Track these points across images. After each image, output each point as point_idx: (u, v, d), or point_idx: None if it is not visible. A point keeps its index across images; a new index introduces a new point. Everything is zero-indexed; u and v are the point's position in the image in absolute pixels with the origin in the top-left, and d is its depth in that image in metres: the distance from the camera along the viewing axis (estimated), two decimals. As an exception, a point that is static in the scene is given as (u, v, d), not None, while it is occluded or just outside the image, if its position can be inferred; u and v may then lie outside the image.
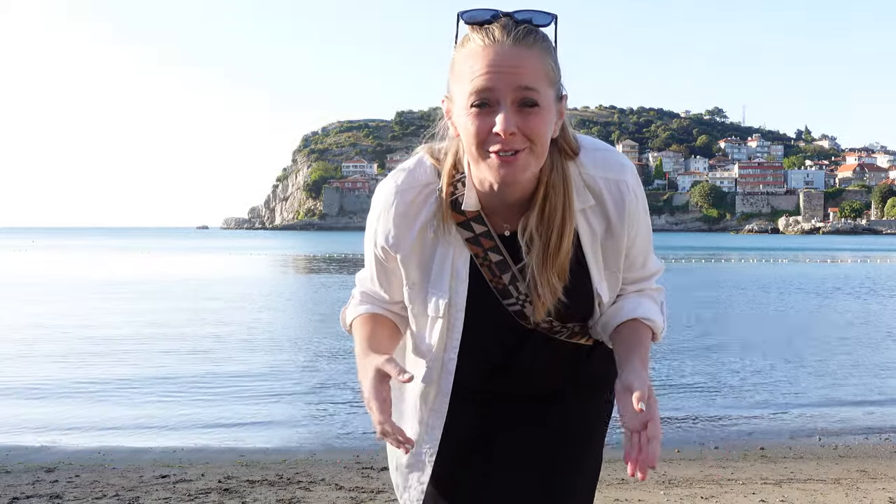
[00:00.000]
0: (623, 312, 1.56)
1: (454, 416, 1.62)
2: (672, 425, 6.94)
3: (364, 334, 1.59)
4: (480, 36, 1.38)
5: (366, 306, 1.65)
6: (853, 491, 4.51)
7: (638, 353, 1.49)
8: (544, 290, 1.48)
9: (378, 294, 1.64)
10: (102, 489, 4.51)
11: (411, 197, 1.52)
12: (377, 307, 1.64)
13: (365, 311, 1.64)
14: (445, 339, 1.56)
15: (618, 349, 1.53)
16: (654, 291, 1.64)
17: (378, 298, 1.64)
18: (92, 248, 66.29)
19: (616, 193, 1.50)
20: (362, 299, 1.66)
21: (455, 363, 1.57)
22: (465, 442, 1.64)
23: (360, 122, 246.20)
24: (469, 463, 1.63)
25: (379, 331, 1.60)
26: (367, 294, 1.66)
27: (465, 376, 1.59)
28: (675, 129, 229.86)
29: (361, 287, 1.67)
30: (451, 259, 1.52)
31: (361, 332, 1.60)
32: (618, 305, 1.58)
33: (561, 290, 1.49)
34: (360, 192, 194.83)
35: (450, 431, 1.62)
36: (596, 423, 1.71)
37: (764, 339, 12.84)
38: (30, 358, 10.45)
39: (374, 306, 1.64)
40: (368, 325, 1.61)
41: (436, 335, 1.56)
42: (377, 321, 1.62)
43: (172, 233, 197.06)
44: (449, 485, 1.64)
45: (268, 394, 8.29)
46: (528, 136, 1.36)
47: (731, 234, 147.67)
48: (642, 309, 1.56)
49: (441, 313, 1.53)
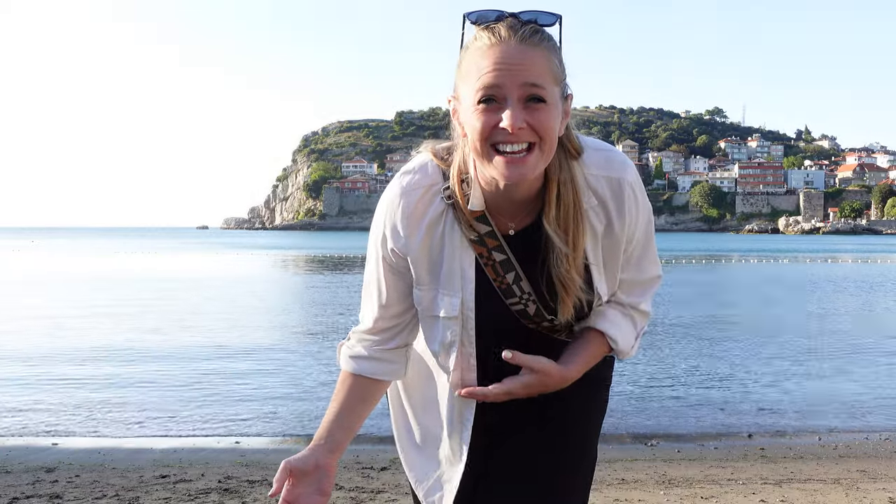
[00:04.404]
0: (595, 320, 1.58)
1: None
2: (672, 424, 6.94)
3: (332, 407, 1.61)
4: (487, 35, 1.39)
5: (353, 364, 1.63)
6: (853, 491, 4.51)
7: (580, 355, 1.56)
8: (570, 285, 1.49)
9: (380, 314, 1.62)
10: (102, 489, 4.51)
11: (417, 198, 1.52)
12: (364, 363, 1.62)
13: (349, 370, 1.63)
14: (461, 336, 1.56)
15: (571, 345, 1.58)
16: (639, 316, 1.64)
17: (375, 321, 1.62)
18: (91, 249, 66.24)
19: (616, 190, 1.52)
20: (352, 353, 1.64)
21: (475, 358, 1.58)
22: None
23: (360, 122, 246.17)
24: (469, 461, 1.63)
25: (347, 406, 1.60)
26: (365, 328, 1.64)
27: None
28: (675, 129, 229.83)
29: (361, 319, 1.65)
30: (459, 259, 1.53)
31: (332, 402, 1.62)
32: (599, 311, 1.59)
33: (580, 286, 1.51)
34: (360, 192, 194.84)
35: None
36: (594, 422, 1.72)
37: (763, 337, 12.83)
38: (30, 358, 10.44)
39: (360, 362, 1.63)
40: (340, 396, 1.62)
41: (448, 335, 1.56)
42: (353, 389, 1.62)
43: (173, 233, 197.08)
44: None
45: (268, 394, 8.28)
46: (535, 130, 1.37)
47: (731, 235, 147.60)
48: (614, 329, 1.59)
49: (455, 313, 1.54)
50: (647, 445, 6.09)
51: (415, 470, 1.71)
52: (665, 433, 6.63)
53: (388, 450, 5.54)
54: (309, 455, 1.53)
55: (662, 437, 6.45)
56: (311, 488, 1.51)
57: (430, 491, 1.67)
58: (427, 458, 1.69)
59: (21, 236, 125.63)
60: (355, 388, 1.62)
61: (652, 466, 5.19)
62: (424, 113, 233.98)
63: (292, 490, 1.50)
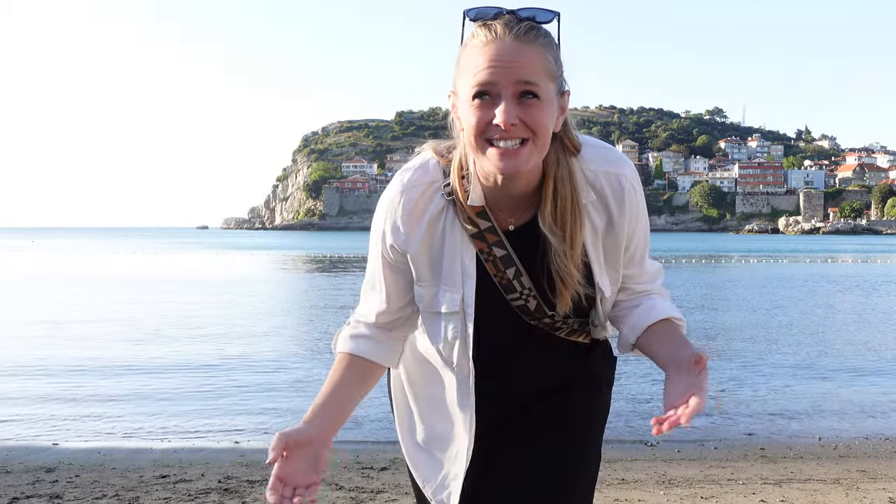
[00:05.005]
0: (654, 313, 1.58)
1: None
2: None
3: (327, 385, 1.59)
4: (484, 32, 1.41)
5: (351, 344, 1.63)
6: (853, 491, 4.51)
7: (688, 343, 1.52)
8: (569, 279, 1.50)
9: (380, 309, 1.63)
10: (102, 489, 4.51)
11: (417, 194, 1.53)
12: (363, 345, 1.63)
13: (347, 351, 1.63)
14: (461, 334, 1.57)
15: (659, 345, 1.55)
16: (666, 294, 1.67)
17: (377, 315, 1.63)
18: (91, 249, 66.25)
19: (616, 186, 1.53)
20: (352, 333, 1.65)
21: (470, 352, 1.58)
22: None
23: (360, 122, 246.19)
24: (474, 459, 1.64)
25: (343, 384, 1.59)
26: (365, 316, 1.65)
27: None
28: (675, 129, 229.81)
29: (361, 308, 1.67)
30: (459, 255, 1.54)
31: (328, 380, 1.61)
32: (646, 306, 1.60)
33: (579, 280, 1.52)
34: (360, 192, 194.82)
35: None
36: (597, 421, 1.72)
37: (763, 337, 12.84)
38: (30, 358, 10.44)
39: (359, 343, 1.63)
40: (336, 375, 1.61)
41: (450, 332, 1.57)
42: (350, 368, 1.61)
43: (173, 233, 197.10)
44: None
45: (268, 394, 8.28)
46: (529, 126, 1.39)
47: (731, 235, 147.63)
48: (671, 309, 1.60)
49: (456, 309, 1.55)
50: (647, 445, 6.09)
51: (421, 469, 1.72)
52: (665, 433, 6.62)
53: (388, 450, 5.54)
54: (304, 427, 1.49)
55: (662, 438, 6.44)
56: (304, 464, 1.46)
57: (437, 490, 1.68)
58: (433, 457, 1.69)
59: (21, 236, 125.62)
60: (353, 368, 1.61)
61: (652, 466, 5.19)
62: (424, 113, 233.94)
63: (286, 465, 1.44)
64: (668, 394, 1.41)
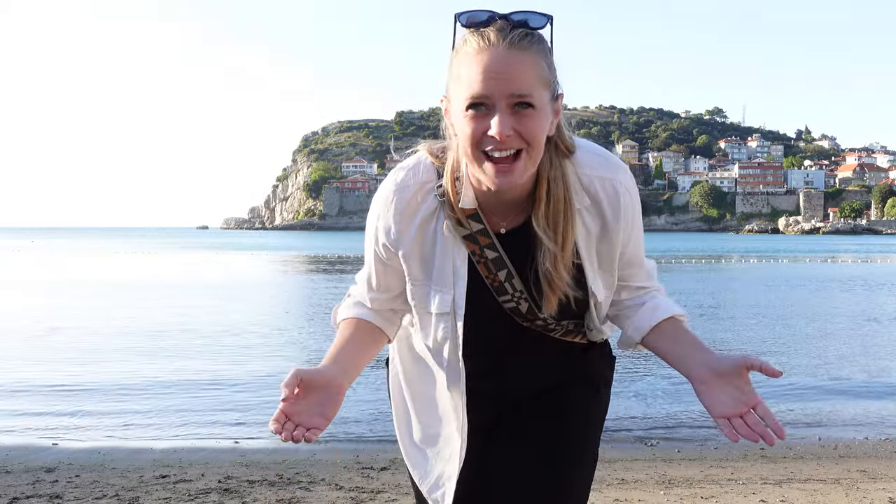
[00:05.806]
0: (659, 312, 1.59)
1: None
2: (673, 424, 6.93)
3: (338, 341, 1.61)
4: (476, 39, 1.39)
5: (355, 310, 1.66)
6: (853, 491, 4.51)
7: (700, 344, 1.53)
8: (557, 282, 1.50)
9: (373, 296, 1.65)
10: (102, 489, 4.50)
11: (410, 194, 1.54)
12: (366, 312, 1.65)
13: (352, 316, 1.66)
14: (451, 334, 1.57)
15: (670, 344, 1.56)
16: (663, 291, 1.68)
17: (371, 300, 1.65)
18: (91, 249, 66.24)
19: (611, 192, 1.52)
20: (355, 301, 1.68)
21: (461, 353, 1.58)
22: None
23: (360, 122, 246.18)
24: (470, 458, 1.64)
25: (354, 340, 1.61)
26: (361, 296, 1.68)
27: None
28: (675, 129, 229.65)
29: (358, 288, 1.69)
30: (451, 256, 1.54)
31: (337, 338, 1.63)
32: (650, 305, 1.61)
33: (568, 283, 1.51)
34: (360, 192, 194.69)
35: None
36: (594, 420, 1.72)
37: (763, 337, 12.84)
38: (30, 358, 10.44)
39: (363, 310, 1.66)
40: (346, 333, 1.63)
41: (440, 332, 1.58)
42: (358, 329, 1.64)
43: (173, 233, 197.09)
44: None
45: (268, 394, 8.28)
46: (523, 136, 1.38)
47: (731, 235, 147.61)
48: (674, 306, 1.61)
49: (447, 309, 1.55)
50: (647, 445, 6.09)
51: (418, 467, 1.72)
52: (665, 433, 6.63)
53: (388, 450, 5.54)
54: (321, 369, 1.49)
55: (662, 438, 6.45)
56: (314, 406, 1.45)
57: (433, 488, 1.68)
58: (429, 455, 1.70)
59: (21, 236, 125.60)
60: (360, 330, 1.63)
61: (652, 466, 5.19)
62: (424, 113, 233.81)
63: (294, 404, 1.43)
64: (719, 402, 1.45)
